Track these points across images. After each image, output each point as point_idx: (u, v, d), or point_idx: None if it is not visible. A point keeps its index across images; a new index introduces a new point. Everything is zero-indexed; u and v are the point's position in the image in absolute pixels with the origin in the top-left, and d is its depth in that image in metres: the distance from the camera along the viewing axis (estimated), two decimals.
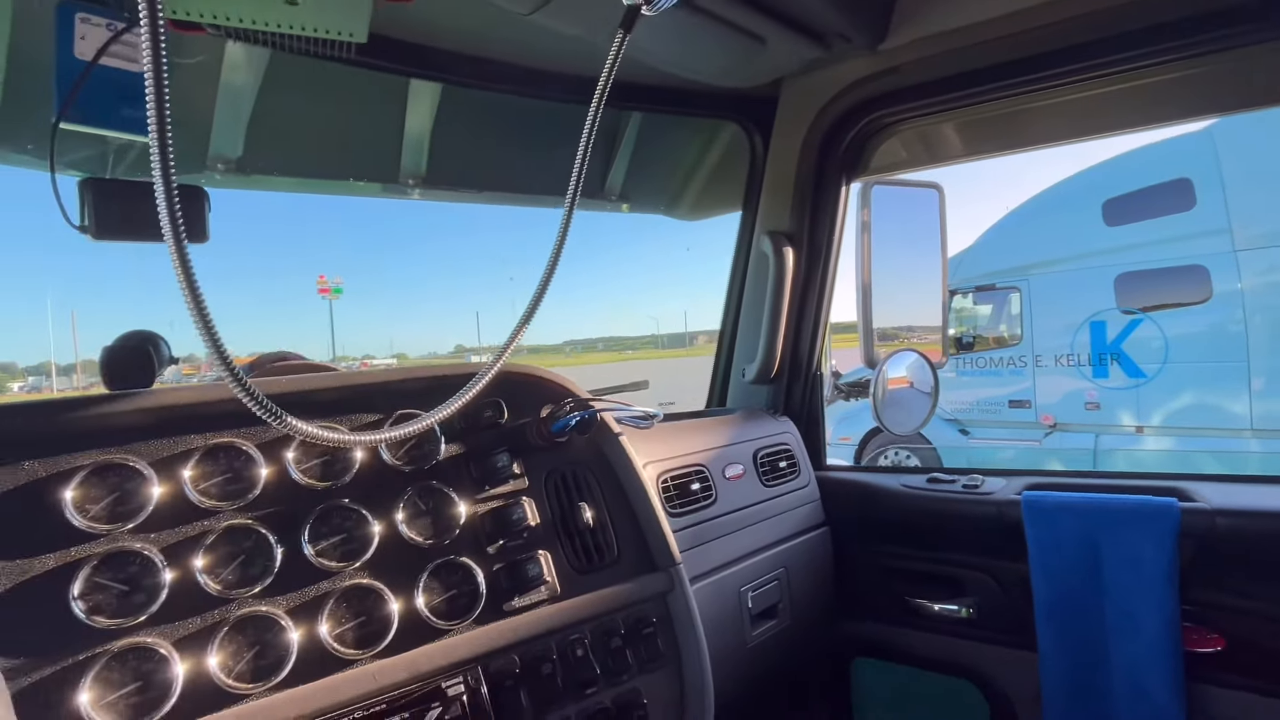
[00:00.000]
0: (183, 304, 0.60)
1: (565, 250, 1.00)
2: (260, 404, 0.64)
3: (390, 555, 1.02)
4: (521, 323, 0.87)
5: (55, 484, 0.87)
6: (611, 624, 1.12)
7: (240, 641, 0.89)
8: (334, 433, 0.71)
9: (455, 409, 0.82)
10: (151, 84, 0.55)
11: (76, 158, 1.39)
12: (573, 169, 2.07)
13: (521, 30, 1.52)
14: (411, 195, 1.92)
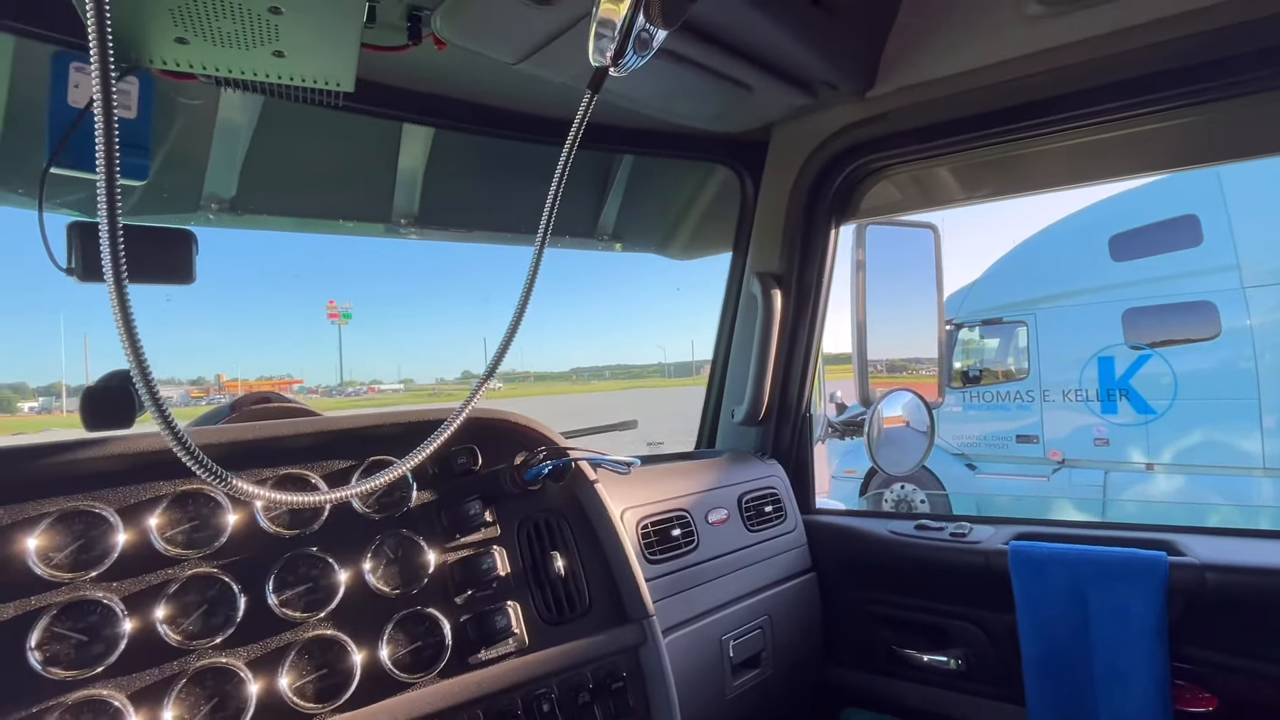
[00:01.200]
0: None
1: (538, 289, 1.00)
2: (200, 463, 0.64)
3: (356, 605, 1.02)
4: (491, 366, 0.88)
5: (19, 531, 0.88)
6: (580, 678, 1.11)
7: (198, 694, 0.89)
8: (277, 492, 0.71)
9: (425, 456, 0.82)
10: (101, 126, 0.57)
11: (71, 199, 1.42)
12: (569, 209, 2.09)
13: (510, 76, 1.54)
14: (406, 235, 1.95)
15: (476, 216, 1.98)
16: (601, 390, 55.68)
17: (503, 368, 0.94)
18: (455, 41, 1.33)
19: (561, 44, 1.36)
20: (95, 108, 0.56)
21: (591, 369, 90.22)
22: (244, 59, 1.17)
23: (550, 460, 1.16)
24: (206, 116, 1.58)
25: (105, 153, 0.56)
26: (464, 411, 0.88)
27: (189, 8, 1.03)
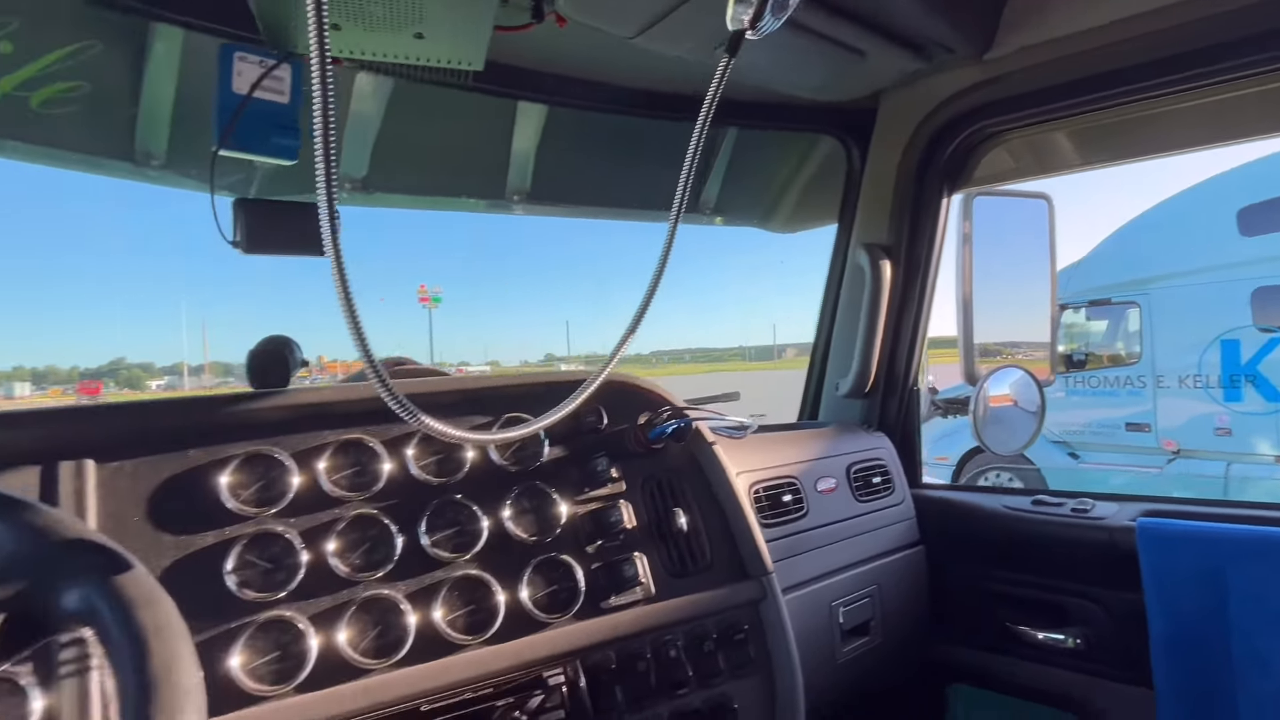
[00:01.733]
0: (325, 314, 0.68)
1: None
2: (401, 404, 0.71)
3: (497, 549, 1.09)
4: (627, 333, 0.92)
5: (213, 469, 0.99)
6: (703, 628, 1.15)
7: (366, 620, 0.98)
8: (459, 430, 0.77)
9: (565, 414, 0.87)
10: (319, 115, 0.63)
11: (232, 180, 1.55)
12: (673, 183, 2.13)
13: (623, 52, 1.58)
14: (515, 210, 2.03)
15: (586, 192, 2.04)
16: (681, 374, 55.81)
17: (587, 350, 0.98)
18: (576, 18, 1.38)
19: (680, 16, 1.39)
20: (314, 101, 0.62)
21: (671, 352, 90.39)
22: (388, 42, 1.25)
23: (673, 420, 1.20)
24: (341, 105, 1.69)
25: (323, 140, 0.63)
26: (603, 374, 0.92)
27: None
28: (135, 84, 1.44)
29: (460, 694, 0.97)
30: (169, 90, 1.47)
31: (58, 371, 41.86)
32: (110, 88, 1.42)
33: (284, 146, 1.39)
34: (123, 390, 36.49)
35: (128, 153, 1.50)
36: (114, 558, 0.61)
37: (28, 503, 0.63)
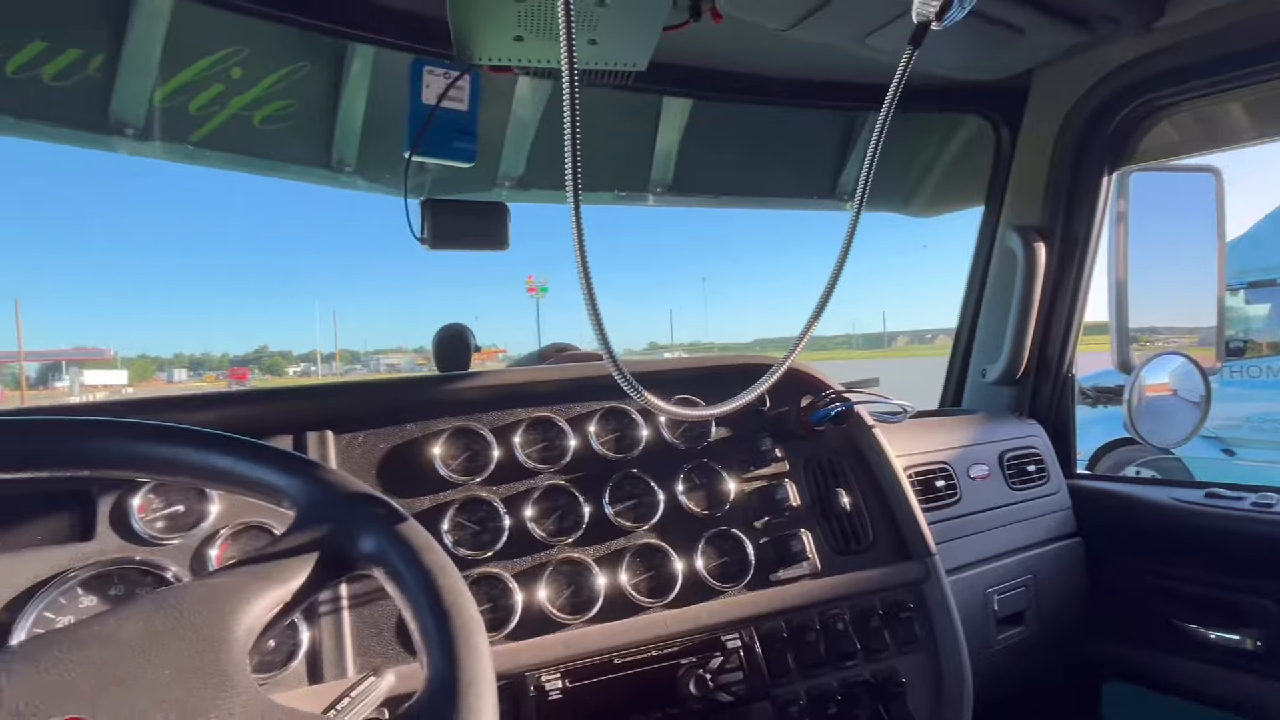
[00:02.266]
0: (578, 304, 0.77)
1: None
2: (629, 383, 0.79)
3: (673, 521, 1.17)
4: (811, 320, 0.96)
5: (427, 442, 1.12)
6: (869, 604, 1.18)
7: (561, 580, 1.08)
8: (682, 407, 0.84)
9: (753, 397, 0.91)
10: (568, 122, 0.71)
11: (418, 182, 1.70)
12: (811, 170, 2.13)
13: (772, 43, 1.61)
14: (655, 203, 2.10)
15: (726, 181, 2.08)
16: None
17: (689, 338, 1.01)
18: (734, 14, 1.42)
19: (836, 7, 1.41)
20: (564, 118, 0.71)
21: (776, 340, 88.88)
22: (559, 49, 1.34)
23: (836, 405, 1.24)
24: (503, 109, 1.82)
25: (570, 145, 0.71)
26: (790, 358, 0.96)
27: (533, 10, 1.20)
28: (334, 100, 1.61)
29: (647, 650, 1.06)
30: (360, 104, 1.63)
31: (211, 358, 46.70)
32: (313, 104, 1.59)
33: (464, 150, 1.52)
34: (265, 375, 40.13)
35: (325, 161, 1.68)
36: (394, 511, 0.72)
37: (320, 463, 0.75)
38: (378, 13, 1.39)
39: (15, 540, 0.89)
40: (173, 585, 0.58)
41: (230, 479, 0.70)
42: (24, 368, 50.15)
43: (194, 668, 0.53)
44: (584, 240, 0.73)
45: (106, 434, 0.66)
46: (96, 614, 0.56)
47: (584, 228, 0.73)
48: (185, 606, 0.57)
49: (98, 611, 0.89)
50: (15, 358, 54.84)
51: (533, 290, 36.00)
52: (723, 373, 1.31)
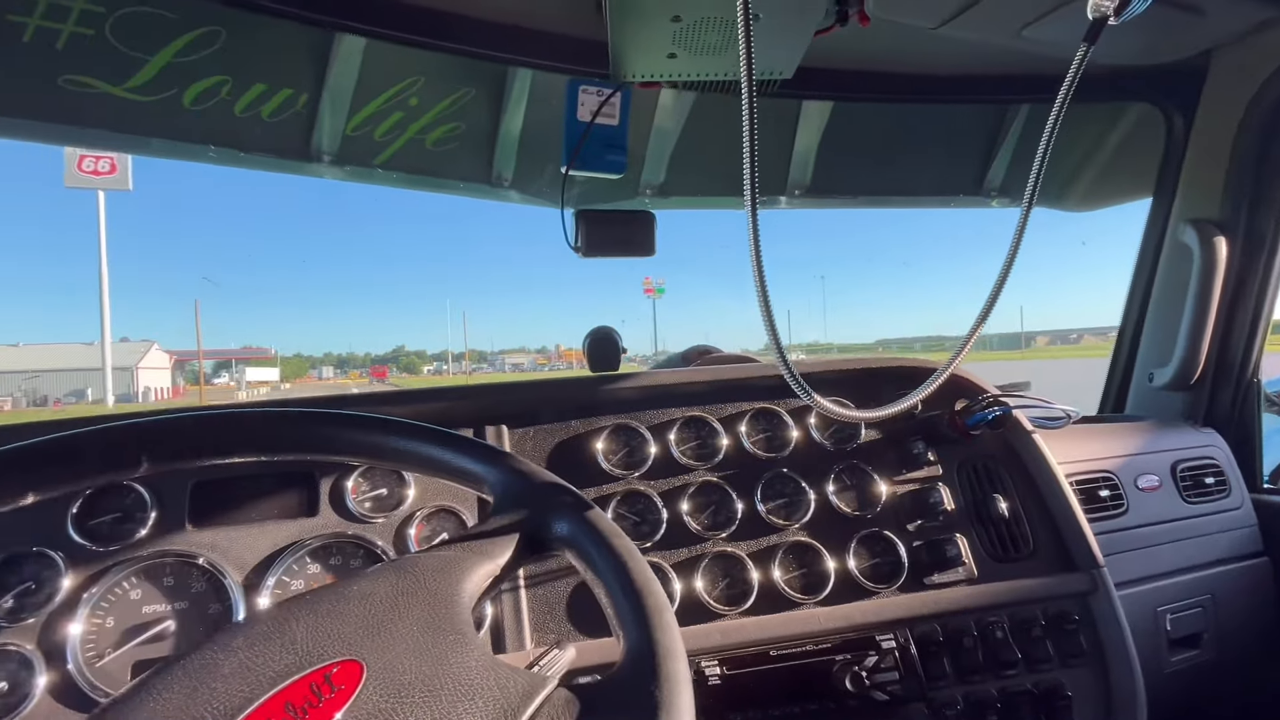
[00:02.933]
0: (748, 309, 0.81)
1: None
2: (800, 385, 0.83)
3: (824, 520, 1.19)
4: (977, 323, 0.95)
5: (590, 437, 1.20)
6: (1029, 613, 1.15)
7: (716, 572, 1.13)
8: (844, 409, 0.87)
9: (918, 399, 0.92)
10: (746, 135, 0.76)
11: (572, 194, 1.81)
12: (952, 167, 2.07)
13: (919, 41, 1.59)
14: (792, 205, 2.11)
15: (865, 181, 2.07)
16: None
17: (807, 339, 1.01)
18: (882, 15, 1.42)
19: (989, 2, 1.37)
20: (743, 136, 0.75)
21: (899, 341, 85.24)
22: (715, 63, 1.39)
23: (994, 409, 1.21)
24: (645, 121, 1.89)
25: (749, 157, 0.75)
26: (955, 362, 0.96)
27: (688, 28, 1.26)
28: (494, 120, 1.75)
29: (801, 645, 1.09)
30: (518, 123, 1.76)
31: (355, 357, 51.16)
32: (477, 125, 1.73)
33: (615, 162, 1.60)
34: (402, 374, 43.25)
35: (486, 177, 1.82)
36: (582, 500, 0.79)
37: (515, 455, 0.84)
38: (537, 38, 1.50)
39: (258, 513, 1.05)
40: (408, 555, 0.67)
41: (441, 467, 0.80)
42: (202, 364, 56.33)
43: (434, 623, 0.62)
44: (759, 246, 0.78)
45: (352, 426, 0.77)
46: (352, 575, 0.66)
47: (758, 232, 0.78)
48: (421, 573, 0.67)
49: (321, 576, 1.04)
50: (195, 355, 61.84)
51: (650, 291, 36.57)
52: (875, 374, 1.32)
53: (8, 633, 0.89)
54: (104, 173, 37.39)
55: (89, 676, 0.89)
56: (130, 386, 57.67)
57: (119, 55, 1.29)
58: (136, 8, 1.26)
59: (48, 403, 54.71)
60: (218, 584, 0.98)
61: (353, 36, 1.43)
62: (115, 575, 0.95)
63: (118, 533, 0.98)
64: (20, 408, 51.21)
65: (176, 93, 1.38)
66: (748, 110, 0.76)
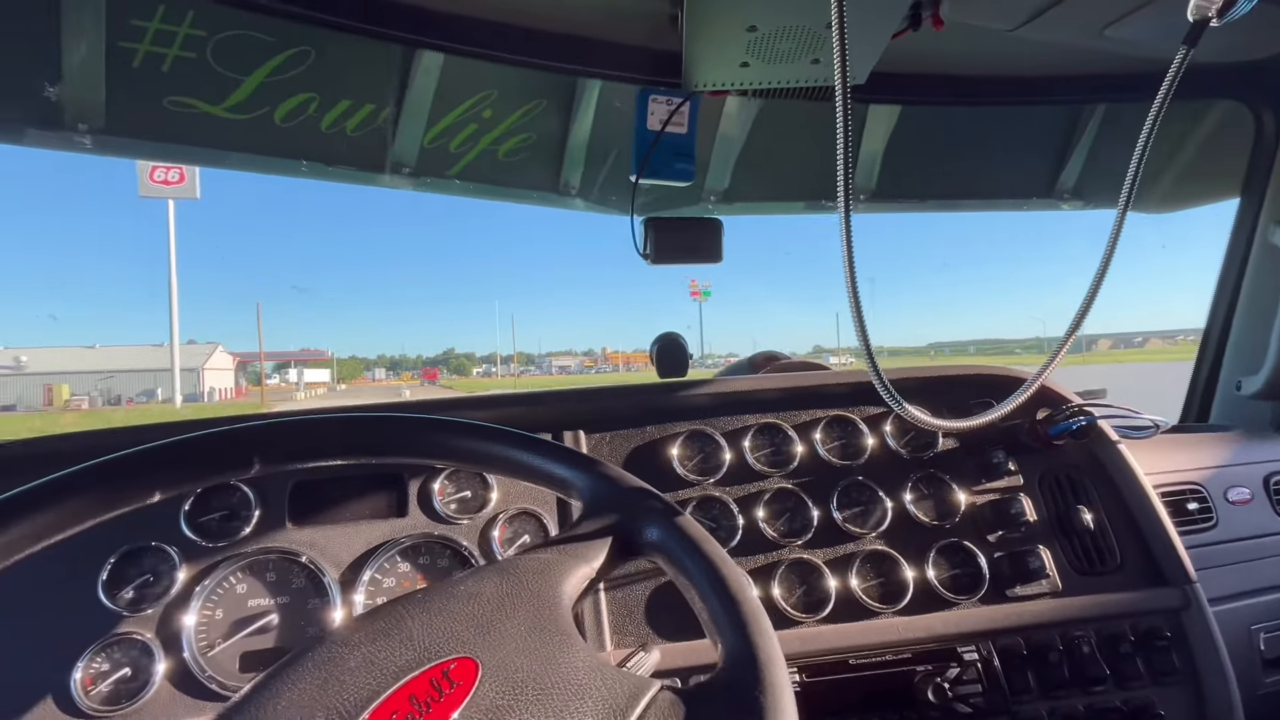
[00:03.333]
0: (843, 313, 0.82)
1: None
2: (890, 393, 0.83)
3: (901, 529, 1.18)
4: (1069, 332, 0.94)
5: (665, 443, 1.22)
6: (1117, 629, 1.12)
7: (793, 579, 1.14)
8: (932, 418, 0.87)
9: (1008, 410, 0.91)
10: (841, 141, 0.76)
11: (640, 202, 1.84)
12: (1021, 169, 2.03)
13: (993, 42, 1.57)
14: (855, 211, 2.10)
15: (932, 186, 2.04)
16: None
17: (848, 343, 0.98)
18: (957, 19, 1.40)
19: (1069, 3, 1.35)
20: (837, 147, 0.76)
21: (953, 344, 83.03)
22: (785, 71, 1.40)
23: (1080, 417, 1.19)
24: (709, 125, 1.90)
25: (843, 163, 0.76)
26: (1044, 374, 0.94)
27: (763, 38, 1.27)
28: (564, 131, 1.78)
29: (881, 654, 1.08)
30: (586, 132, 1.79)
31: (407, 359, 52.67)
32: (547, 136, 1.77)
33: (683, 170, 1.62)
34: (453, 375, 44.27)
35: (554, 186, 1.86)
36: (671, 505, 0.81)
37: (603, 461, 0.86)
38: (610, 50, 1.52)
39: (351, 513, 1.10)
40: (507, 557, 0.70)
41: (533, 472, 0.83)
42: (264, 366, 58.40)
43: (540, 624, 0.64)
44: (853, 253, 0.78)
45: (452, 432, 0.80)
46: (458, 575, 0.69)
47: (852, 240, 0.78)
48: (523, 574, 0.69)
49: (411, 574, 1.08)
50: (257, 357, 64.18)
51: (696, 294, 36.53)
52: (956, 382, 1.30)
53: (129, 621, 0.95)
54: (174, 182, 39.11)
55: (202, 665, 0.95)
56: (196, 387, 60.19)
57: (218, 76, 1.37)
58: (235, 31, 1.33)
59: (121, 402, 57.49)
60: (316, 580, 1.03)
61: (432, 52, 1.48)
62: (224, 570, 1.00)
63: (225, 530, 1.03)
64: (96, 407, 53.94)
65: (268, 110, 1.45)
66: (841, 116, 0.76)
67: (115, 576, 0.97)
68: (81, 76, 1.27)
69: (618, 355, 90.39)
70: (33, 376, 60.23)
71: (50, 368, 62.09)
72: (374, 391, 61.72)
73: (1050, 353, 0.97)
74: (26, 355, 64.06)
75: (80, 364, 64.68)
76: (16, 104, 1.27)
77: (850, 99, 1.58)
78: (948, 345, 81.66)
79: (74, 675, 0.90)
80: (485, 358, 72.70)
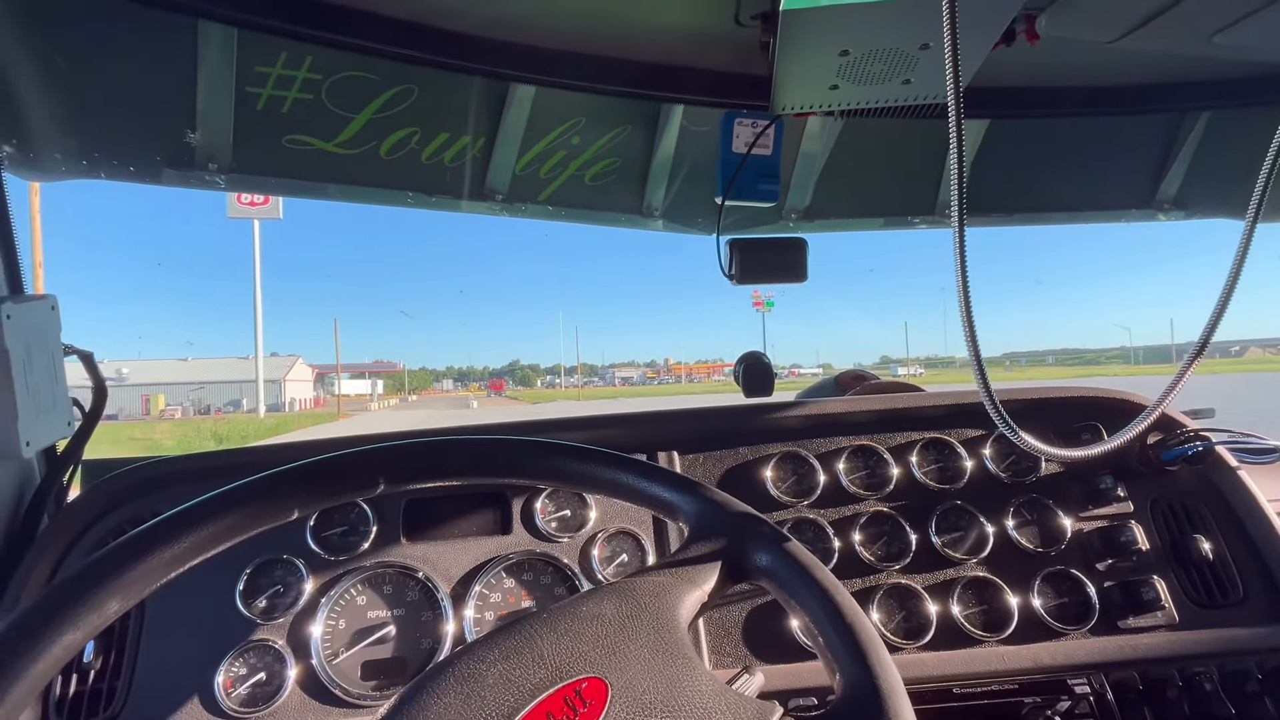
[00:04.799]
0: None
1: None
2: (1006, 423, 0.82)
3: (1004, 556, 1.16)
4: (1196, 351, 0.90)
5: (759, 465, 1.23)
6: (1243, 665, 1.07)
7: (892, 604, 1.13)
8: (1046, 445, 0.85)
9: (1132, 435, 0.88)
10: (955, 160, 0.76)
11: (727, 222, 1.86)
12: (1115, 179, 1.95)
13: (1089, 54, 1.53)
14: (928, 224, 2.06)
15: (1022, 198, 1.98)
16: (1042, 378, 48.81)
17: (925, 352, 0.94)
18: (1055, 34, 1.37)
19: (1176, 13, 1.30)
20: (950, 161, 0.76)
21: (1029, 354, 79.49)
22: (875, 92, 1.40)
23: (1195, 444, 1.14)
24: (791, 143, 1.91)
25: (958, 180, 0.76)
26: (1167, 400, 0.90)
27: (854, 61, 1.28)
28: (647, 154, 1.82)
29: (987, 685, 1.06)
30: (669, 155, 1.82)
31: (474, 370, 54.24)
32: (631, 159, 1.81)
33: (767, 191, 1.63)
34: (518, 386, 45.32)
35: (637, 208, 1.90)
36: (778, 531, 0.82)
37: (707, 485, 0.87)
38: (696, 75, 1.56)
39: (460, 530, 1.15)
40: (623, 580, 0.72)
41: (636, 494, 0.85)
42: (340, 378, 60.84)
43: (662, 646, 0.66)
44: (966, 269, 0.78)
45: (561, 455, 0.83)
46: (578, 596, 0.72)
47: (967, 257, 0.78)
48: (641, 596, 0.71)
49: (516, 590, 1.12)
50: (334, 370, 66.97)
51: (759, 305, 36.30)
52: (1064, 404, 1.27)
53: (264, 629, 1.02)
54: (259, 203, 41.35)
55: (329, 672, 1.01)
56: (278, 397, 63.17)
57: (331, 115, 1.46)
58: (347, 73, 1.42)
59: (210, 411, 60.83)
60: (430, 594, 1.08)
61: (525, 85, 1.54)
62: (346, 582, 1.07)
63: (345, 544, 1.10)
64: (189, 416, 57.24)
65: (374, 145, 1.54)
66: (955, 135, 0.76)
67: (250, 587, 1.04)
68: (213, 120, 1.38)
69: (680, 366, 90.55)
70: (133, 387, 64.46)
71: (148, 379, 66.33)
72: (443, 402, 63.66)
73: (1176, 371, 0.93)
74: (128, 367, 68.62)
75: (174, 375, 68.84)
76: (157, 146, 1.39)
77: (936, 115, 1.57)
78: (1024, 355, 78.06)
79: (217, 678, 0.98)
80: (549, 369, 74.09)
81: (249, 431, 30.59)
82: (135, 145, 1.38)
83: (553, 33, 1.43)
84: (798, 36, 1.21)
